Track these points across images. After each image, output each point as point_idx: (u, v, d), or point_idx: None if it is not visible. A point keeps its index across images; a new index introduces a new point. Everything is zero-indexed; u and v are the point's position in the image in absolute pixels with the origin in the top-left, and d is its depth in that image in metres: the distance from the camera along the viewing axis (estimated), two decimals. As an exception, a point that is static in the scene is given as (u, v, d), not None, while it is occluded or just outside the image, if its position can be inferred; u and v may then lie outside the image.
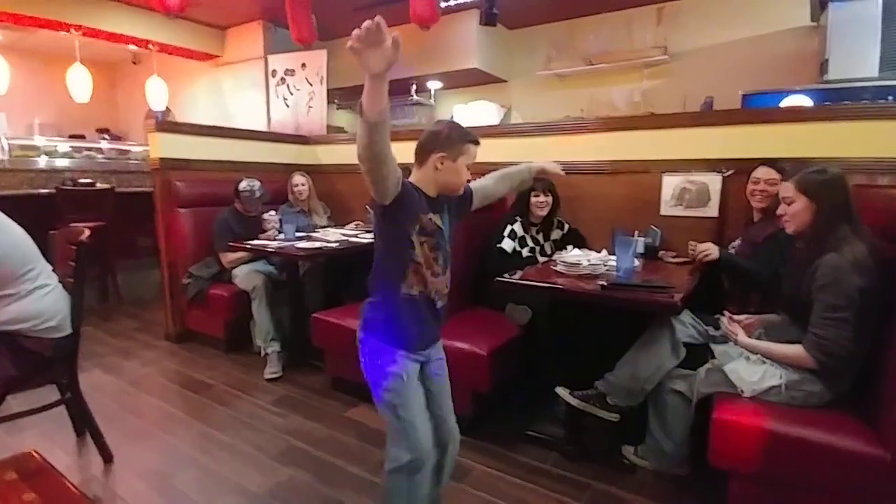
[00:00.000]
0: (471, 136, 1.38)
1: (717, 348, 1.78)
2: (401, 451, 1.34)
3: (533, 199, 2.59)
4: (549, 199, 2.61)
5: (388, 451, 1.38)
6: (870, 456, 1.36)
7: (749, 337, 1.73)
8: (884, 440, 1.37)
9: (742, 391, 1.59)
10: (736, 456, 1.54)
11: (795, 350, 1.54)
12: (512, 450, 2.10)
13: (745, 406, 1.56)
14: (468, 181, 1.44)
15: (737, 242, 2.30)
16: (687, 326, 1.86)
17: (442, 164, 1.33)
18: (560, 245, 2.68)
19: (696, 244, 2.29)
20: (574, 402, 1.96)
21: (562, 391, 2.00)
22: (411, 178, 1.37)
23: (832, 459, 1.40)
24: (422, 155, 1.36)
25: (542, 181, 2.63)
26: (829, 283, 1.47)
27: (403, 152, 3.92)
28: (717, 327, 1.90)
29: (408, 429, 1.33)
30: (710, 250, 2.16)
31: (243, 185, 3.16)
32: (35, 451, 0.69)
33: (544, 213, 2.62)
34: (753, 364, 1.63)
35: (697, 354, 1.81)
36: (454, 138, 1.35)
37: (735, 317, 1.83)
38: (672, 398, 1.78)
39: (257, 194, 3.19)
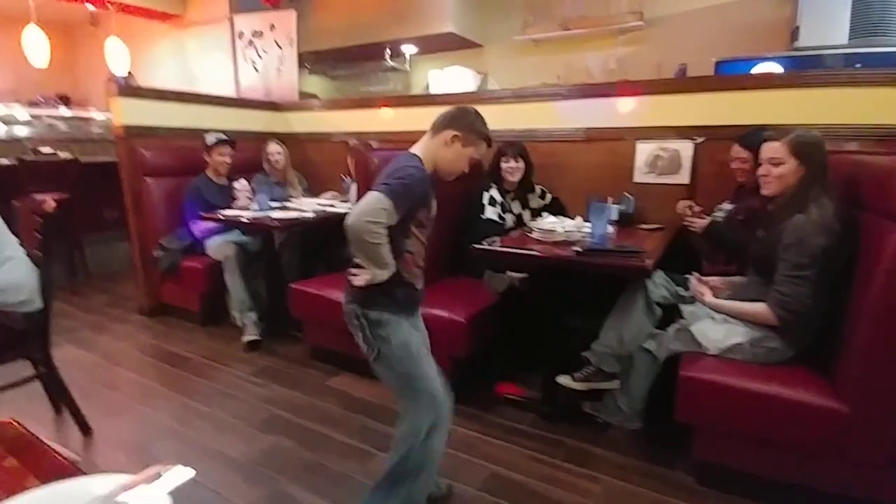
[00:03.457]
0: (489, 135, 1.42)
1: (685, 308, 1.85)
2: (420, 417, 1.35)
3: (503, 165, 2.58)
4: (521, 164, 2.59)
5: (404, 428, 1.37)
6: (828, 409, 1.45)
7: (716, 297, 1.80)
8: (842, 394, 1.46)
9: (707, 349, 1.67)
10: (700, 411, 1.63)
11: (758, 307, 1.62)
12: (489, 412, 2.17)
13: (709, 363, 1.64)
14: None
15: (726, 205, 2.35)
16: (659, 287, 1.92)
17: (453, 142, 1.36)
18: (540, 214, 2.70)
19: (689, 207, 2.35)
20: (579, 386, 1.99)
21: (564, 380, 2.03)
22: (417, 150, 1.37)
23: (792, 413, 1.49)
24: (440, 127, 1.37)
25: (512, 145, 2.62)
26: (793, 243, 1.53)
27: (383, 119, 3.83)
28: (687, 288, 1.96)
29: (425, 387, 1.35)
30: (698, 224, 2.25)
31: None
32: (13, 420, 0.68)
33: (516, 178, 2.61)
34: (718, 323, 1.71)
35: (667, 314, 1.88)
36: (476, 127, 1.39)
37: (703, 278, 1.90)
38: (641, 356, 1.84)
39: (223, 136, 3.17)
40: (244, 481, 1.74)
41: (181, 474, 0.53)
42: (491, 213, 2.54)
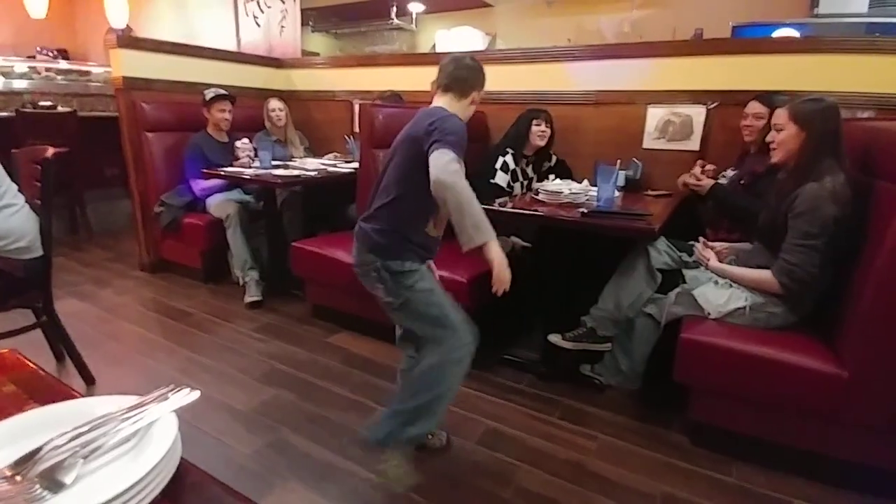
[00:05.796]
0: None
1: (688, 273, 1.84)
2: (455, 349, 1.37)
3: (535, 129, 2.54)
4: (549, 130, 2.57)
5: (434, 360, 1.39)
6: (828, 374, 1.45)
7: (720, 263, 1.79)
8: (842, 359, 1.46)
9: (708, 313, 1.67)
10: (699, 373, 1.64)
11: (763, 275, 1.61)
12: (489, 372, 2.19)
13: (710, 326, 1.65)
14: None
15: (730, 172, 2.32)
16: (661, 253, 1.91)
17: (475, 100, 1.44)
18: (547, 177, 2.66)
19: (696, 170, 2.31)
20: (568, 346, 2.00)
21: (554, 338, 2.03)
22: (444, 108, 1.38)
23: (792, 376, 1.50)
24: (465, 89, 1.42)
25: (542, 111, 2.58)
26: (806, 211, 1.51)
27: (388, 78, 3.75)
28: (691, 253, 1.95)
29: (456, 322, 1.38)
30: (703, 183, 2.21)
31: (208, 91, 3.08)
32: (12, 350, 0.68)
33: (543, 143, 2.59)
34: (721, 288, 1.70)
35: (670, 279, 1.88)
36: (483, 78, 1.46)
37: (709, 243, 1.89)
38: (642, 321, 1.85)
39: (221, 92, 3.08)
40: (246, 430, 1.77)
41: (188, 395, 0.53)
42: (500, 179, 2.50)
